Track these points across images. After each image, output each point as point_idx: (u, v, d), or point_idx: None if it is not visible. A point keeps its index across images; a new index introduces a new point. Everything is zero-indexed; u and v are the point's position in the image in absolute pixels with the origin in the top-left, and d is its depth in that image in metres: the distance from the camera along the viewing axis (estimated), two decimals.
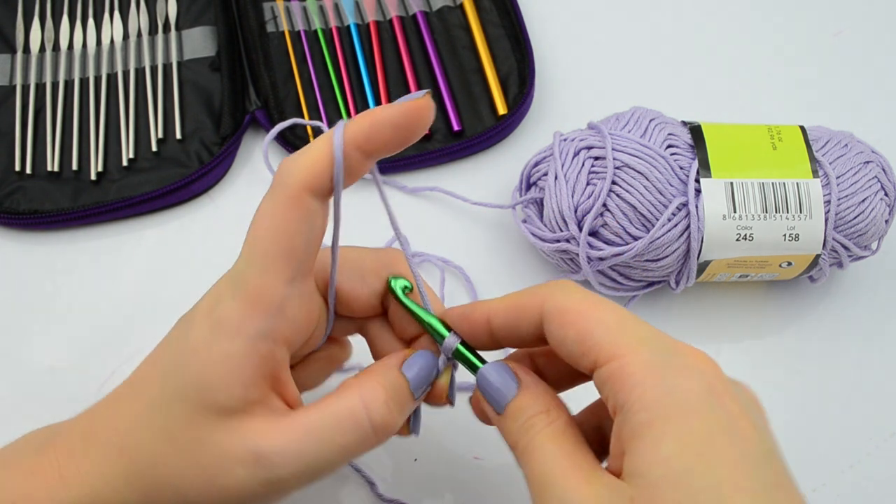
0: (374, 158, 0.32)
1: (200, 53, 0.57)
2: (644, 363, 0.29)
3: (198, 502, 0.32)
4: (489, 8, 0.60)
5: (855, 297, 0.52)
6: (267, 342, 0.31)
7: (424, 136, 0.55)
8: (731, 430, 0.28)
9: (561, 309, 0.32)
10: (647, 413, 0.28)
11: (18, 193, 0.52)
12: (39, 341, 0.49)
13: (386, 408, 0.33)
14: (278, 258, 0.31)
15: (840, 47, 0.63)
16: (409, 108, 0.31)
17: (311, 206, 0.31)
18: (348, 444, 0.32)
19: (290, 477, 0.31)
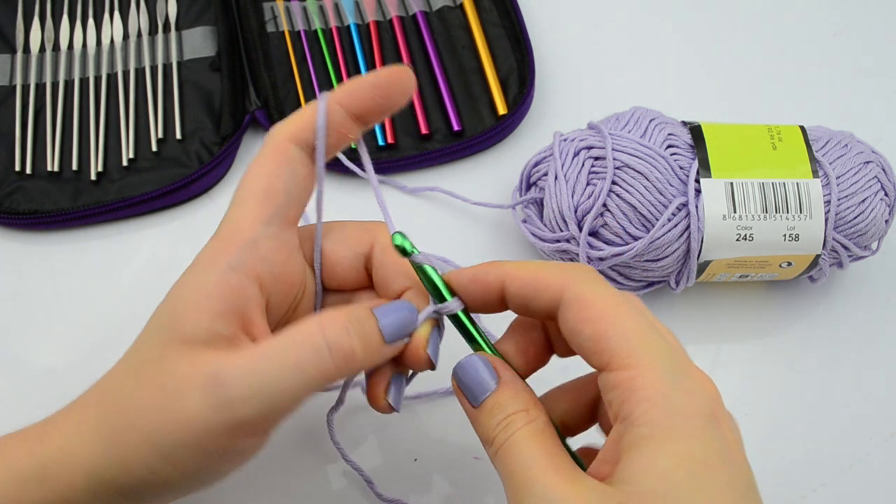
0: (358, 121, 0.34)
1: (200, 53, 0.57)
2: (655, 380, 0.29)
3: (158, 437, 0.31)
4: (489, 8, 0.60)
5: (855, 297, 0.52)
6: (238, 275, 0.32)
7: (424, 135, 0.55)
8: (725, 457, 0.29)
9: (582, 302, 0.31)
10: (649, 428, 0.28)
11: (18, 193, 0.52)
12: (39, 341, 0.49)
13: (345, 332, 0.32)
14: (254, 197, 0.33)
15: (840, 47, 0.63)
16: (386, 70, 0.34)
17: (293, 154, 0.33)
18: (302, 363, 0.31)
19: (243, 400, 0.30)
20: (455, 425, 0.47)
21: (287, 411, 0.32)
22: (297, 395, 0.31)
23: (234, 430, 0.31)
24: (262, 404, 0.30)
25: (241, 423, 0.31)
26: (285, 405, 0.31)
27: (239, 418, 0.30)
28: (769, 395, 0.49)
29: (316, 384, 0.31)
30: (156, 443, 0.31)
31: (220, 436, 0.31)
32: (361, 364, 0.32)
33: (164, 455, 0.31)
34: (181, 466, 0.31)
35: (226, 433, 0.31)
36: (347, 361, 0.32)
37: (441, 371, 0.48)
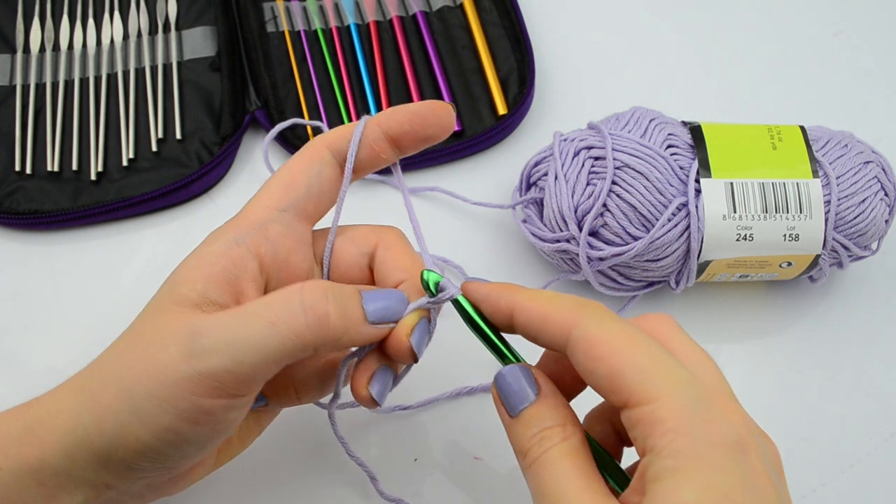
0: (393, 144, 0.36)
1: (200, 53, 0.57)
2: (676, 410, 0.29)
3: (130, 387, 0.31)
4: (489, 8, 0.60)
5: (855, 297, 0.52)
6: (240, 248, 0.34)
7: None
8: (751, 487, 0.29)
9: (591, 341, 0.31)
10: (673, 460, 0.28)
11: (18, 193, 0.52)
12: (39, 341, 0.49)
13: (323, 297, 0.32)
14: (276, 186, 0.36)
15: (840, 47, 0.63)
16: (428, 102, 0.36)
17: (325, 157, 0.36)
18: (276, 319, 0.31)
19: (212, 350, 0.31)
20: (455, 425, 0.47)
21: (258, 372, 0.32)
22: (269, 353, 0.31)
23: (204, 383, 0.31)
24: (231, 357, 0.31)
25: (210, 374, 0.31)
26: (256, 362, 0.31)
27: (208, 368, 0.31)
28: (769, 395, 0.49)
29: (289, 344, 0.31)
30: (128, 393, 0.31)
31: (189, 389, 0.31)
32: (336, 332, 0.32)
33: (134, 407, 0.31)
34: (150, 424, 0.31)
35: (195, 386, 0.31)
36: (321, 324, 0.32)
37: (442, 375, 0.48)
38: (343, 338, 0.33)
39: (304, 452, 0.45)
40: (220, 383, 0.31)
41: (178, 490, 0.37)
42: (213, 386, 0.31)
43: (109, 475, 0.33)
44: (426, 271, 0.35)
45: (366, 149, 0.36)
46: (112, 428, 0.32)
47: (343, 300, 0.33)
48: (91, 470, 0.32)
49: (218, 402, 0.31)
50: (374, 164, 0.37)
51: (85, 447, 0.32)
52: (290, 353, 0.32)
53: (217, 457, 0.38)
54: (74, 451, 0.32)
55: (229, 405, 0.32)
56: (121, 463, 0.32)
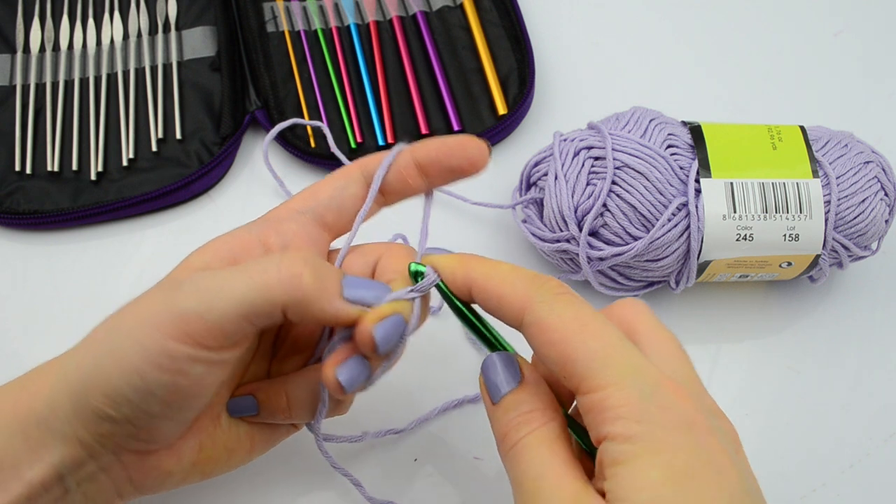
0: (422, 172, 0.37)
1: (200, 53, 0.57)
2: (626, 397, 0.29)
3: (117, 329, 0.33)
4: (489, 8, 0.60)
5: (855, 297, 0.52)
6: (251, 234, 0.36)
7: (424, 135, 0.55)
8: (711, 464, 0.29)
9: (543, 326, 0.31)
10: (630, 445, 0.28)
11: (18, 193, 0.52)
12: (39, 341, 0.49)
13: (301, 260, 0.33)
14: (301, 193, 0.38)
15: (840, 47, 0.63)
16: (459, 135, 0.38)
17: (354, 175, 0.37)
18: (252, 271, 0.32)
19: (188, 293, 0.32)
20: (455, 425, 0.47)
21: (227, 321, 0.32)
22: (238, 302, 0.32)
23: (173, 324, 0.31)
24: (202, 300, 0.32)
25: (180, 314, 0.31)
26: (224, 309, 0.32)
27: (179, 308, 0.32)
28: (769, 395, 0.49)
29: (258, 296, 0.32)
30: (110, 332, 0.33)
31: (159, 328, 0.31)
32: (307, 295, 0.32)
33: (111, 345, 0.32)
34: (120, 362, 0.32)
35: (165, 326, 0.31)
36: (293, 282, 0.32)
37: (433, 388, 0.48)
38: (315, 305, 0.33)
39: (297, 456, 0.45)
40: (188, 327, 0.31)
41: (154, 480, 0.36)
42: (181, 329, 0.31)
43: (82, 426, 0.33)
44: (413, 263, 0.35)
45: (395, 172, 0.37)
46: (89, 365, 0.33)
47: (320, 269, 0.33)
48: (67, 421, 0.33)
49: (184, 347, 0.32)
50: (402, 188, 0.37)
51: (65, 392, 0.33)
52: (258, 304, 0.32)
53: (198, 459, 0.37)
54: (57, 398, 0.33)
55: (195, 355, 0.32)
56: (91, 411, 0.32)
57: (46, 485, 0.33)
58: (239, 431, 0.38)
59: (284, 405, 0.37)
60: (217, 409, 0.37)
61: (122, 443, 0.34)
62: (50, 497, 0.34)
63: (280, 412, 0.37)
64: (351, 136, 0.55)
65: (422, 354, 0.47)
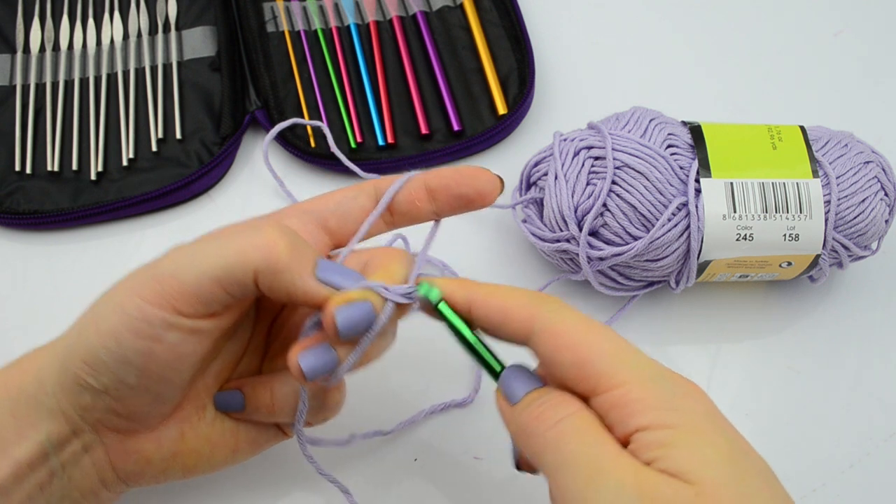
0: (431, 196, 0.37)
1: (200, 53, 0.57)
2: (649, 389, 0.30)
3: (104, 297, 0.34)
4: (489, 8, 0.60)
5: (855, 297, 0.52)
6: (250, 224, 0.36)
7: (424, 135, 0.55)
8: (741, 449, 0.30)
9: (554, 331, 0.31)
10: (671, 430, 0.29)
11: (18, 193, 0.52)
12: (40, 341, 0.49)
13: (278, 229, 0.33)
14: (310, 198, 0.38)
15: (840, 47, 0.63)
16: (472, 166, 0.38)
17: (367, 190, 0.38)
18: (229, 236, 0.33)
19: (168, 256, 0.33)
20: (455, 425, 0.47)
21: (201, 285, 0.32)
22: (212, 265, 0.32)
23: (151, 287, 0.32)
24: (178, 263, 0.32)
25: (157, 276, 0.32)
26: (199, 271, 0.32)
27: (157, 272, 0.32)
28: (769, 395, 0.49)
29: (232, 260, 0.32)
30: (97, 302, 0.34)
31: (137, 292, 0.32)
32: (280, 263, 0.32)
33: (94, 311, 0.34)
34: (99, 326, 0.33)
35: (143, 289, 0.32)
36: (267, 249, 0.32)
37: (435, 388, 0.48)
38: (285, 275, 0.32)
39: (289, 462, 0.45)
40: (163, 287, 0.32)
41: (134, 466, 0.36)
42: (157, 290, 0.32)
43: (65, 397, 0.33)
44: (424, 283, 0.34)
45: (405, 193, 0.37)
46: (74, 332, 0.34)
47: (297, 243, 0.33)
48: (52, 394, 0.34)
49: (159, 312, 0.32)
50: (410, 209, 0.38)
51: (52, 363, 0.34)
52: (231, 267, 0.32)
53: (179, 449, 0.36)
54: (44, 371, 0.34)
55: (169, 320, 0.32)
56: (72, 379, 0.33)
57: (33, 464, 0.34)
58: (223, 427, 0.38)
59: (269, 402, 0.37)
60: (202, 400, 0.37)
61: (102, 418, 0.34)
62: (36, 478, 0.34)
63: (264, 408, 0.37)
64: (351, 136, 0.55)
65: (410, 357, 0.47)
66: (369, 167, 0.53)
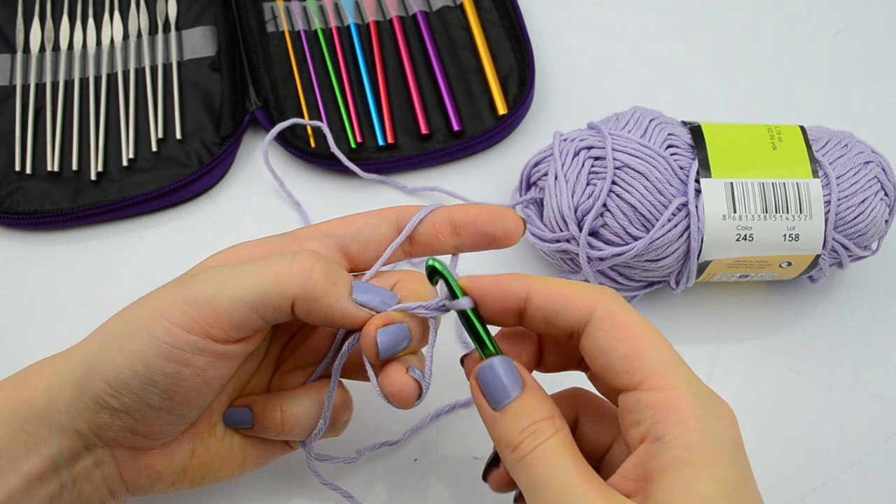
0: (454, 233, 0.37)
1: (200, 53, 0.57)
2: (690, 404, 0.30)
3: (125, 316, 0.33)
4: (489, 8, 0.60)
5: (855, 297, 0.52)
6: (274, 245, 0.37)
7: (424, 135, 0.55)
8: (751, 484, 0.30)
9: (615, 320, 0.32)
10: (686, 451, 0.29)
11: (18, 193, 0.52)
12: (39, 341, 0.49)
13: (314, 257, 0.33)
14: (332, 220, 0.38)
15: (840, 47, 0.63)
16: (499, 206, 0.38)
17: (388, 216, 0.38)
18: (266, 264, 0.33)
19: (201, 281, 0.32)
20: (455, 426, 0.47)
21: (236, 310, 0.32)
22: (248, 289, 0.32)
23: (182, 311, 0.32)
24: (213, 287, 0.32)
25: (189, 301, 0.32)
26: (234, 296, 0.32)
27: (189, 296, 0.32)
28: (769, 395, 0.49)
29: (269, 287, 0.32)
30: (119, 320, 0.33)
31: (167, 315, 0.32)
32: (317, 289, 0.33)
33: (116, 330, 0.33)
34: (124, 347, 0.32)
35: (174, 312, 0.32)
36: (304, 276, 0.33)
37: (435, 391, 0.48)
38: (323, 300, 0.33)
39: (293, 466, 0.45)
40: (196, 313, 0.32)
41: (145, 481, 0.36)
42: (189, 315, 0.32)
43: (80, 416, 0.33)
44: (431, 259, 0.35)
45: (428, 225, 0.38)
46: (93, 351, 0.33)
47: (332, 270, 0.34)
48: (66, 412, 0.33)
49: (191, 336, 0.32)
50: (431, 242, 0.38)
51: (68, 380, 0.33)
52: (268, 295, 0.32)
53: (190, 465, 0.37)
54: (57, 388, 0.33)
55: (201, 345, 0.32)
56: (91, 398, 0.33)
57: (43, 477, 0.34)
58: (232, 443, 0.38)
59: (278, 421, 0.37)
60: (214, 417, 0.37)
61: (118, 436, 0.34)
62: (46, 491, 0.34)
63: (273, 428, 0.37)
64: (351, 136, 0.55)
65: None
66: (369, 167, 0.53)
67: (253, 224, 0.54)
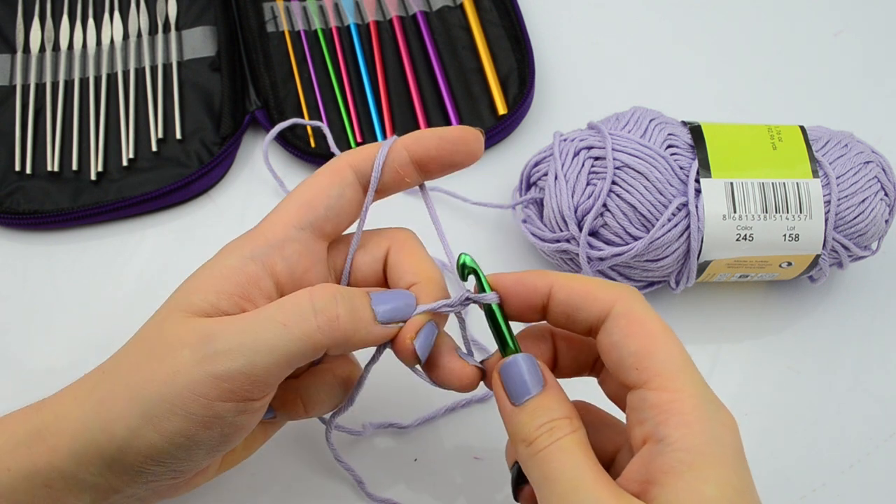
0: (419, 168, 0.36)
1: (200, 53, 0.57)
2: (695, 407, 0.30)
3: (140, 392, 0.32)
4: (489, 8, 0.60)
5: (855, 297, 0.52)
6: (255, 265, 0.34)
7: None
8: (752, 491, 0.30)
9: (632, 317, 0.32)
10: (689, 454, 0.29)
11: (18, 193, 0.52)
12: (39, 341, 0.49)
13: (332, 299, 0.33)
14: (296, 204, 0.35)
15: (840, 47, 0.63)
16: (459, 128, 0.36)
17: (348, 177, 0.35)
18: (288, 322, 0.32)
19: (226, 352, 0.31)
20: (455, 426, 0.47)
21: (271, 374, 0.32)
22: (281, 354, 0.32)
23: (217, 386, 0.31)
24: (245, 358, 0.31)
25: (224, 376, 0.31)
26: (268, 363, 0.32)
27: (221, 371, 0.31)
28: (769, 395, 0.49)
29: (301, 346, 0.32)
30: (138, 398, 0.32)
31: (202, 393, 0.31)
32: (346, 332, 0.33)
33: (144, 411, 0.31)
34: (161, 427, 0.31)
35: (208, 389, 0.31)
36: (332, 325, 0.32)
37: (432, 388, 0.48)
38: (353, 338, 0.33)
39: (303, 453, 0.45)
40: (232, 385, 0.31)
41: (180, 494, 0.37)
42: (225, 388, 0.31)
43: (117, 479, 0.33)
44: (462, 255, 0.35)
45: (391, 172, 0.36)
46: (122, 434, 0.32)
47: (352, 302, 0.33)
48: (99, 475, 0.33)
49: (230, 405, 0.32)
50: (397, 186, 0.37)
51: (94, 453, 0.32)
52: (301, 354, 0.32)
53: (221, 463, 0.38)
54: (83, 456, 0.32)
55: (241, 408, 0.32)
56: (130, 468, 0.32)
57: None
58: (255, 431, 0.39)
59: (301, 409, 0.38)
60: None
61: (160, 483, 0.34)
62: None
63: (297, 415, 0.38)
64: (351, 136, 0.55)
65: None
66: None
67: (253, 224, 0.54)
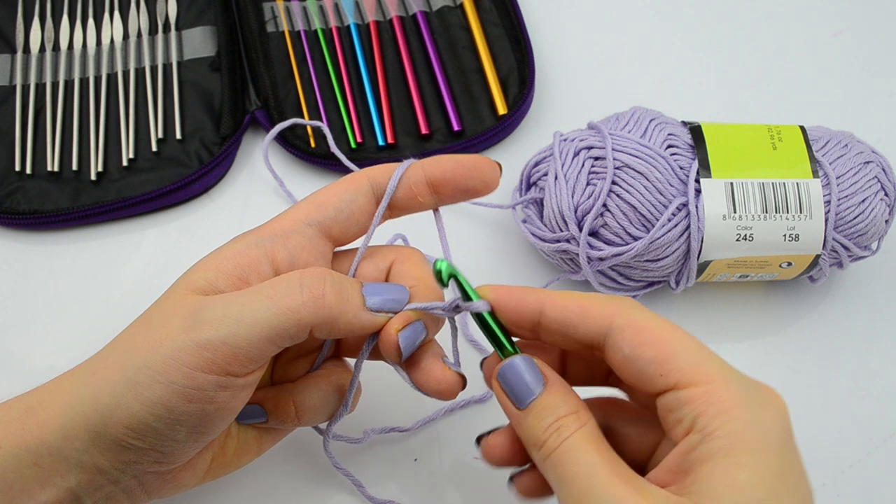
0: (433, 190, 0.37)
1: (200, 53, 0.57)
2: (731, 392, 0.30)
3: (127, 360, 0.32)
4: (489, 8, 0.60)
5: (855, 297, 0.52)
6: (258, 250, 0.35)
7: (424, 135, 0.55)
8: (797, 472, 0.30)
9: (637, 327, 0.31)
10: (727, 440, 0.29)
11: (18, 193, 0.52)
12: (39, 341, 0.49)
13: (320, 278, 0.33)
14: (307, 203, 0.36)
15: (840, 47, 0.63)
16: (477, 156, 0.37)
17: (361, 185, 0.37)
18: (274, 296, 0.32)
19: (211, 321, 0.32)
20: (455, 426, 0.47)
21: (254, 347, 0.32)
22: (264, 326, 0.32)
23: (199, 354, 0.31)
24: (228, 328, 0.32)
25: (206, 345, 0.31)
26: (251, 335, 0.32)
27: (203, 339, 0.31)
28: None
29: (284, 320, 0.32)
30: (125, 366, 0.32)
31: (184, 361, 0.31)
32: (332, 312, 0.33)
33: (129, 378, 0.32)
34: (143, 396, 0.32)
35: (190, 357, 0.31)
36: (317, 302, 0.32)
37: None
38: (340, 319, 0.33)
39: (301, 460, 0.45)
40: (214, 355, 0.31)
41: (168, 492, 0.36)
42: (207, 358, 0.31)
43: (101, 455, 0.33)
44: (439, 261, 0.34)
45: (405, 188, 0.37)
46: (107, 401, 0.32)
47: (341, 284, 0.34)
48: (84, 450, 0.33)
49: (211, 377, 0.32)
50: (411, 204, 0.37)
51: (81, 424, 0.33)
52: (285, 329, 0.32)
53: (210, 467, 0.38)
54: (71, 429, 0.33)
55: (222, 383, 0.32)
56: (113, 442, 0.33)
57: (61, 503, 0.34)
58: (248, 437, 0.39)
59: (293, 413, 0.38)
60: (230, 425, 0.38)
61: (144, 467, 0.34)
62: None
63: (288, 420, 0.38)
64: (351, 136, 0.55)
65: None
66: None
67: (253, 224, 0.53)
